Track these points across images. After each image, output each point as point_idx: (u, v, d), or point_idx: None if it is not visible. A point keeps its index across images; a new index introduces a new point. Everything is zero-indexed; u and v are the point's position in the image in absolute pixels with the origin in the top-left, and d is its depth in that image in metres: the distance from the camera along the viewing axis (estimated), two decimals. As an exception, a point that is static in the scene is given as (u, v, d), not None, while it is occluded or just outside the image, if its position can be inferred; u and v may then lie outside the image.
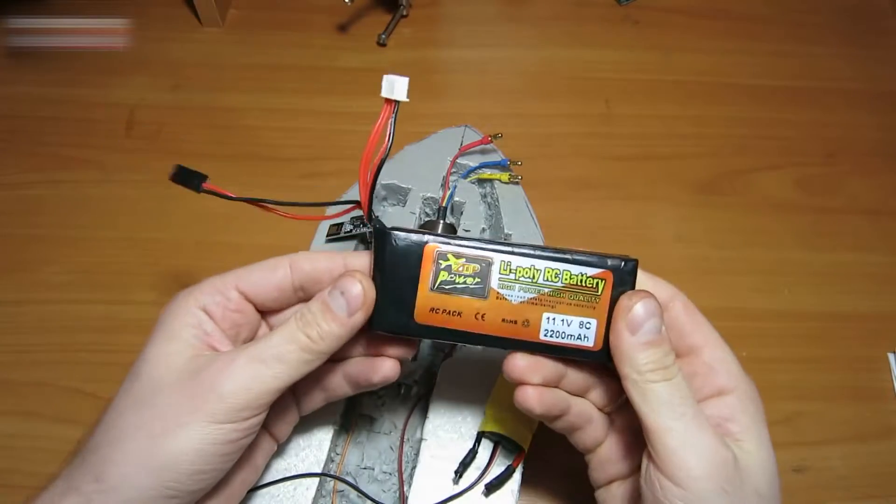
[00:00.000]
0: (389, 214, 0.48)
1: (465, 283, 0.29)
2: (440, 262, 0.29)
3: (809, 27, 0.68)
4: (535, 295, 0.30)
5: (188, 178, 0.32)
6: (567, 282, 0.29)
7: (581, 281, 0.29)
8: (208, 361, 0.28)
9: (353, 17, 0.67)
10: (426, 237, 0.29)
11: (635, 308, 0.29)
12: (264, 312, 0.33)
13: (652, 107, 0.62)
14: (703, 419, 0.28)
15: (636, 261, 0.30)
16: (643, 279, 0.31)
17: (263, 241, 0.53)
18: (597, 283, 0.29)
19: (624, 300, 0.29)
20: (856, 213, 0.56)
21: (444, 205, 0.48)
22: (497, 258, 0.29)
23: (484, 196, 0.50)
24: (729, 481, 0.26)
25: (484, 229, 0.49)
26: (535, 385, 0.31)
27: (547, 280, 0.29)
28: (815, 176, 0.58)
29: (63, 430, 0.45)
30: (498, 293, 0.29)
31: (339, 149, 0.58)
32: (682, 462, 0.26)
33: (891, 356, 0.49)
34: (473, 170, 0.50)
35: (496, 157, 0.51)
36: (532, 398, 0.30)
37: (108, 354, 0.48)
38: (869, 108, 0.62)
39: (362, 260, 0.31)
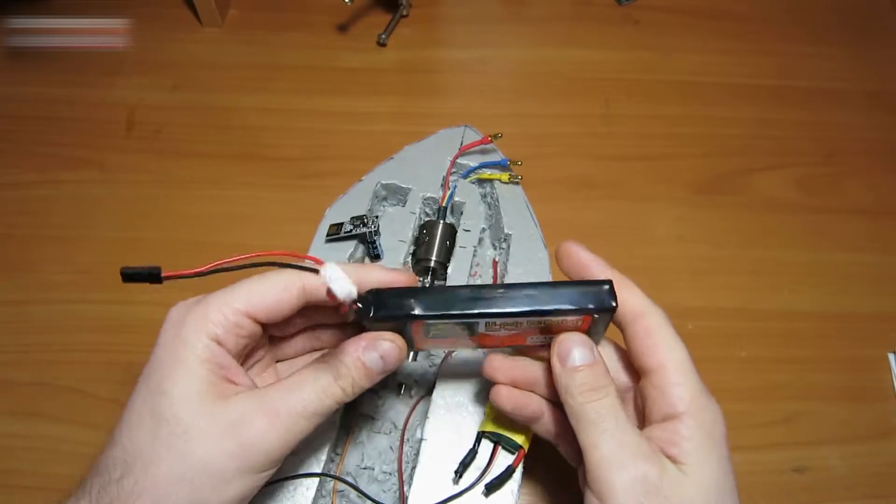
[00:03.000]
0: (390, 214, 0.48)
1: (455, 332, 0.32)
2: (429, 327, 0.31)
3: (809, 27, 0.68)
4: (519, 331, 0.32)
5: (142, 276, 0.29)
6: (548, 323, 0.31)
7: (561, 322, 0.31)
8: (248, 410, 0.28)
9: (353, 17, 0.67)
10: (411, 311, 0.30)
11: (563, 343, 0.31)
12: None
13: (652, 107, 0.62)
14: (628, 434, 0.28)
15: (614, 308, 0.30)
16: (620, 289, 0.31)
17: (263, 242, 0.53)
18: (576, 322, 0.31)
19: (556, 340, 0.31)
20: (856, 213, 0.56)
21: (444, 205, 0.48)
22: (482, 321, 0.31)
23: (484, 196, 0.50)
24: (647, 495, 0.27)
25: (484, 229, 0.49)
26: (506, 384, 0.33)
27: (530, 325, 0.31)
28: (815, 176, 0.58)
29: (63, 430, 0.45)
30: (486, 334, 0.32)
31: (339, 149, 0.58)
32: (603, 476, 0.28)
33: (891, 356, 0.50)
34: (473, 170, 0.50)
35: (496, 157, 0.51)
36: (502, 396, 0.33)
37: (108, 354, 0.48)
38: (869, 108, 0.63)
39: (379, 275, 0.32)
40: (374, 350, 0.30)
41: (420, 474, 0.37)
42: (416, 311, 0.30)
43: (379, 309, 0.30)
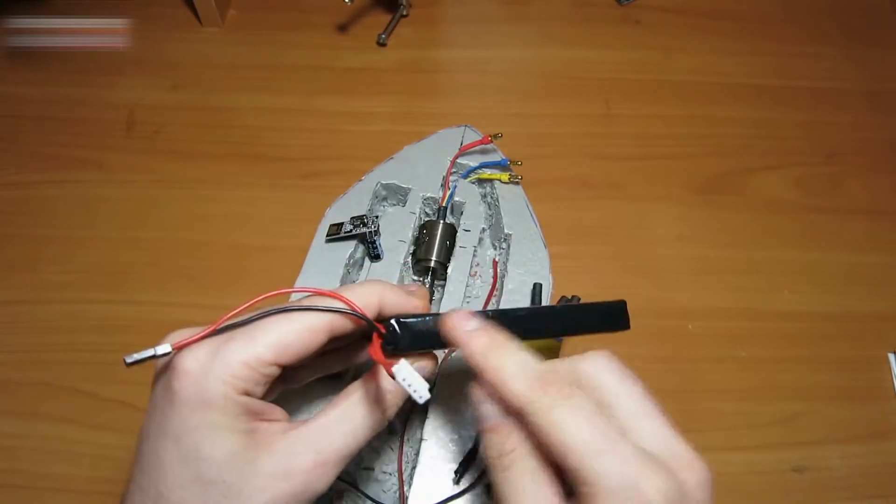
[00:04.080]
0: (390, 214, 0.48)
1: None
2: None
3: (809, 27, 0.68)
4: None
5: (148, 357, 0.27)
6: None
7: None
8: (295, 464, 0.27)
9: (353, 17, 0.67)
10: (436, 346, 0.29)
11: (474, 391, 0.28)
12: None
13: (652, 107, 0.62)
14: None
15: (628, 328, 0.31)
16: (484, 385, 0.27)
17: (263, 242, 0.53)
18: None
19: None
20: (856, 213, 0.56)
21: (444, 205, 0.48)
22: None
23: (484, 196, 0.50)
24: None
25: (484, 229, 0.49)
26: None
27: None
28: (815, 176, 0.58)
29: (63, 430, 0.45)
30: None
31: (339, 149, 0.58)
32: None
33: (891, 356, 0.50)
34: (473, 170, 0.50)
35: (496, 157, 0.51)
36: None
37: (108, 354, 0.48)
38: (869, 108, 0.63)
39: (398, 297, 0.30)
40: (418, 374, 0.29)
41: (420, 474, 0.37)
42: (442, 348, 0.29)
43: (405, 342, 0.29)
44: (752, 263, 0.54)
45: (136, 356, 0.26)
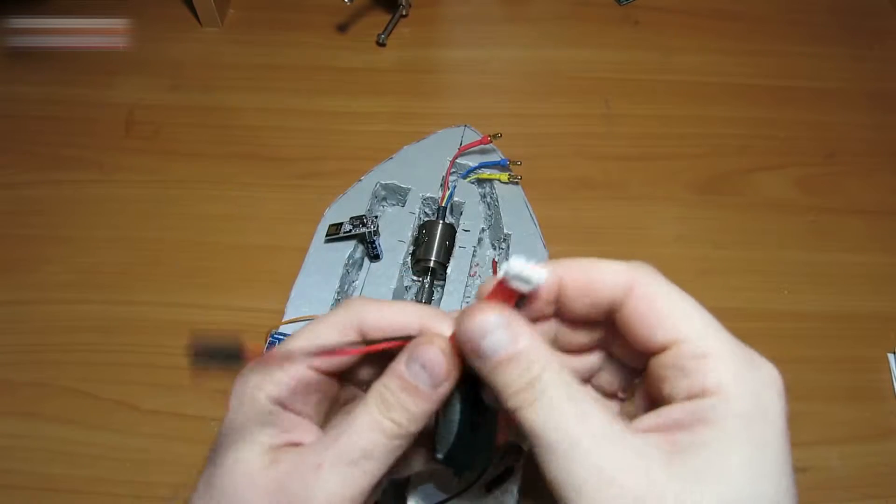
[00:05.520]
0: (389, 214, 0.48)
1: None
2: None
3: (809, 27, 0.68)
4: None
5: (221, 357, 0.23)
6: None
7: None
8: (292, 469, 0.24)
9: (352, 17, 0.67)
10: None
11: (468, 322, 0.22)
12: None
13: (652, 107, 0.62)
14: (578, 447, 0.21)
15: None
16: (591, 268, 0.25)
17: (262, 242, 0.53)
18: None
19: (459, 316, 0.23)
20: (856, 213, 0.56)
21: (443, 205, 0.48)
22: None
23: (484, 196, 0.50)
24: None
25: (483, 229, 0.49)
26: None
27: None
28: (815, 176, 0.58)
29: (63, 430, 0.45)
30: None
31: (339, 149, 0.58)
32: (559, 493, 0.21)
33: (891, 356, 0.49)
34: (473, 170, 0.50)
35: (496, 157, 0.51)
36: None
37: (108, 354, 0.48)
38: (868, 108, 0.62)
39: (440, 320, 0.25)
40: (415, 360, 0.24)
41: (420, 474, 0.37)
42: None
43: None
44: (752, 263, 0.54)
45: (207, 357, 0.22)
